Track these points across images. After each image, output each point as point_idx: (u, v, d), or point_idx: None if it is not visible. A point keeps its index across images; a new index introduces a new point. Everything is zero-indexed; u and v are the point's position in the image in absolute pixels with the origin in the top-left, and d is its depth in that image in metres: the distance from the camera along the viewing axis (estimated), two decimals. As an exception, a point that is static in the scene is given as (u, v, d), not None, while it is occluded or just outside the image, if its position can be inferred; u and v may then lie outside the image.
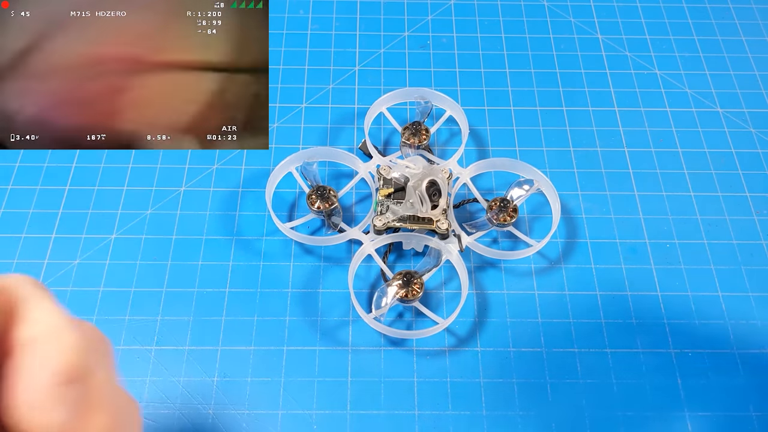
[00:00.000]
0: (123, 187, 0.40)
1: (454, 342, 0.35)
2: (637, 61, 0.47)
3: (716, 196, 0.40)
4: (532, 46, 0.47)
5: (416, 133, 0.40)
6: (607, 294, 0.37)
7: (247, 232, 0.38)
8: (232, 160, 0.41)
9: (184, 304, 0.36)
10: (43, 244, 0.38)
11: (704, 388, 0.34)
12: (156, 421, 0.32)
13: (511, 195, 0.38)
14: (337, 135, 0.43)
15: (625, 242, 0.38)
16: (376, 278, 0.37)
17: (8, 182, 0.40)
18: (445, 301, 0.36)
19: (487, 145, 0.42)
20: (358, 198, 0.40)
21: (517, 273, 0.37)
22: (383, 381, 0.34)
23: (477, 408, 0.33)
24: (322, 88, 0.45)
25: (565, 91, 0.45)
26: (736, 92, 0.45)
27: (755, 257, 0.38)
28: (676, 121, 0.44)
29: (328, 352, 0.35)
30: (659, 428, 0.33)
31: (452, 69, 0.46)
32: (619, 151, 0.42)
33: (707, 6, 0.50)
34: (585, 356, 0.35)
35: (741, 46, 0.48)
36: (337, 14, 0.49)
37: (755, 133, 0.43)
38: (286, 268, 0.37)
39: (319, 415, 0.33)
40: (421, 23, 0.48)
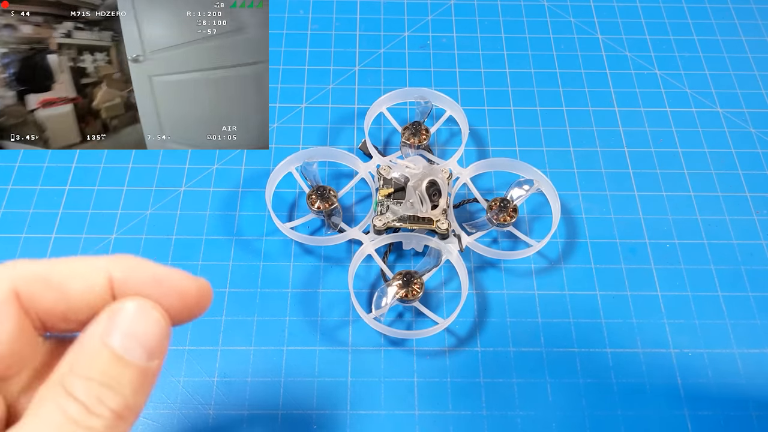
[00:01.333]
0: (123, 187, 0.40)
1: (454, 342, 0.35)
2: (637, 61, 0.47)
3: (716, 196, 0.40)
4: (532, 46, 0.47)
5: (416, 133, 0.40)
6: (607, 294, 0.37)
7: (247, 232, 0.38)
8: (232, 160, 0.41)
9: (184, 304, 0.36)
10: (43, 244, 0.38)
11: (704, 388, 0.34)
12: (156, 421, 0.32)
13: (511, 195, 0.38)
14: (337, 135, 0.43)
15: (625, 242, 0.38)
16: (376, 278, 0.37)
17: (8, 182, 0.40)
18: (445, 301, 0.36)
19: (487, 145, 0.42)
20: (358, 198, 0.40)
21: (517, 273, 0.37)
22: (383, 381, 0.34)
23: (477, 408, 0.33)
24: (322, 88, 0.45)
25: (565, 91, 0.45)
26: (736, 92, 0.45)
27: (755, 257, 0.38)
28: (676, 121, 0.44)
29: (328, 352, 0.35)
30: (659, 428, 0.33)
31: (452, 69, 0.46)
32: (619, 151, 0.42)
33: (707, 6, 0.50)
34: (585, 356, 0.35)
35: (741, 46, 0.48)
36: (337, 14, 0.49)
37: (755, 133, 0.43)
38: (286, 268, 0.37)
39: (319, 415, 0.33)
40: (421, 23, 0.48)
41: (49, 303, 0.16)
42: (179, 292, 0.17)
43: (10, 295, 0.16)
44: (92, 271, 0.17)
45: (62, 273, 0.17)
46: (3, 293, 0.16)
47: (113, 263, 0.17)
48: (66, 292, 0.16)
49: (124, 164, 0.41)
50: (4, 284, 0.16)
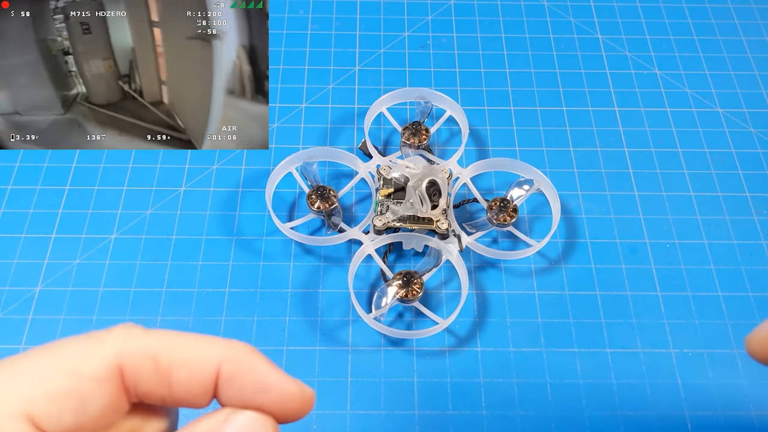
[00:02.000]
0: (123, 187, 0.40)
1: (454, 342, 0.35)
2: (637, 61, 0.47)
3: (716, 196, 0.40)
4: (532, 46, 0.47)
5: (416, 133, 0.40)
6: (607, 294, 0.37)
7: (247, 232, 0.38)
8: (232, 160, 0.41)
9: (184, 304, 0.36)
10: (43, 244, 0.38)
11: (704, 388, 0.34)
12: (156, 421, 0.32)
13: (511, 195, 0.38)
14: (337, 135, 0.42)
15: (625, 242, 0.38)
16: (376, 278, 0.37)
17: (8, 182, 0.40)
18: (445, 301, 0.36)
19: (487, 145, 0.42)
20: (358, 198, 0.40)
21: (517, 273, 0.37)
22: (383, 381, 0.34)
23: (477, 408, 0.33)
24: (322, 88, 0.45)
25: (565, 91, 0.45)
26: (736, 92, 0.45)
27: (755, 257, 0.38)
28: (676, 121, 0.44)
29: (328, 352, 0.35)
30: (659, 428, 0.33)
31: (452, 69, 0.46)
32: (619, 151, 0.42)
33: (707, 6, 0.50)
34: (585, 356, 0.35)
35: (741, 46, 0.48)
36: (337, 14, 0.49)
37: (755, 133, 0.43)
38: (286, 268, 0.37)
39: (319, 415, 0.33)
40: (421, 23, 0.48)
41: (150, 386, 0.16)
42: (282, 402, 0.16)
43: (114, 372, 0.15)
44: (203, 362, 0.16)
45: (172, 358, 0.16)
46: (107, 369, 0.15)
47: (225, 357, 0.16)
48: (171, 378, 0.16)
49: (124, 164, 0.41)
50: (111, 359, 0.15)
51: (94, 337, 0.16)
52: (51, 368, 0.15)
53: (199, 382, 0.16)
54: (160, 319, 0.35)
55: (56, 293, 0.36)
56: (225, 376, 0.16)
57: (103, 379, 0.15)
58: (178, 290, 0.36)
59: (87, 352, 0.15)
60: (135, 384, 0.16)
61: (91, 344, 0.15)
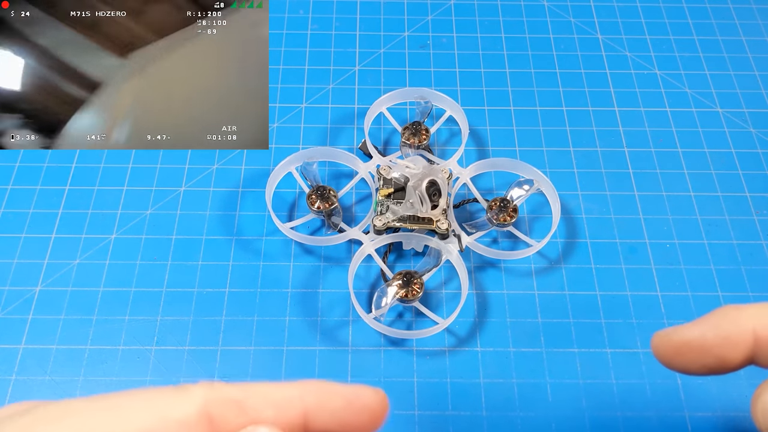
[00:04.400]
0: (123, 187, 0.40)
1: (454, 342, 0.35)
2: (637, 61, 0.47)
3: (716, 196, 0.40)
4: (532, 46, 0.47)
5: (416, 133, 0.40)
6: (607, 294, 0.37)
7: (247, 232, 0.38)
8: (232, 160, 0.41)
9: (184, 304, 0.36)
10: (43, 244, 0.38)
11: (704, 388, 0.34)
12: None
13: (511, 195, 0.38)
14: (337, 135, 0.43)
15: (625, 242, 0.38)
16: (376, 278, 0.37)
17: (8, 182, 0.40)
18: (445, 301, 0.36)
19: (487, 145, 0.42)
20: (358, 198, 0.40)
21: (517, 273, 0.37)
22: (383, 381, 0.34)
23: (477, 408, 0.33)
24: (322, 88, 0.45)
25: (565, 91, 0.45)
26: (736, 92, 0.45)
27: (755, 257, 0.38)
28: (676, 121, 0.44)
29: (328, 352, 0.35)
30: (659, 428, 0.33)
31: (452, 69, 0.46)
32: (619, 151, 0.42)
33: (707, 6, 0.50)
34: (585, 356, 0.35)
35: (741, 46, 0.48)
36: (337, 14, 0.49)
37: (755, 133, 0.43)
38: (286, 268, 0.37)
39: (319, 415, 0.33)
40: (421, 23, 0.48)
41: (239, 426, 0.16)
42: (368, 408, 0.17)
43: (202, 417, 0.16)
44: (287, 400, 0.17)
45: (256, 402, 0.17)
46: (197, 415, 0.16)
47: (306, 392, 0.17)
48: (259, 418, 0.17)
49: (124, 164, 0.41)
50: (199, 406, 0.16)
51: (180, 388, 0.16)
52: (141, 409, 0.16)
53: (286, 421, 0.17)
54: (160, 319, 0.35)
55: (56, 293, 0.36)
56: (312, 408, 0.17)
57: (192, 424, 0.16)
58: (178, 290, 0.36)
59: (175, 398, 0.16)
60: (225, 425, 0.16)
61: (177, 392, 0.16)
